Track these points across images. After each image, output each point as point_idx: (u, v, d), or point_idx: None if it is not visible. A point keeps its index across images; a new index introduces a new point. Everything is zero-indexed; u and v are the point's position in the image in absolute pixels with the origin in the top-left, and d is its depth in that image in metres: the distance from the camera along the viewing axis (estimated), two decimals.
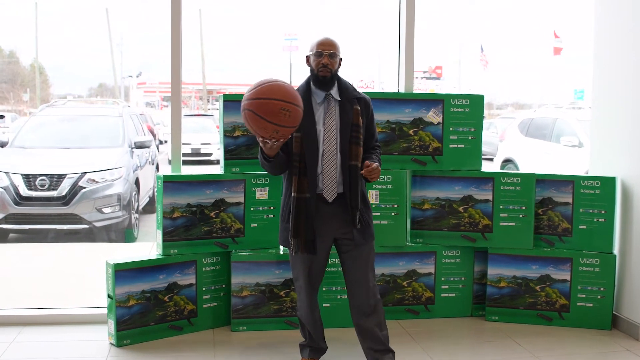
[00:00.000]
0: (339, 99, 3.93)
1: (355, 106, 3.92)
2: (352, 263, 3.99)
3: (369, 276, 4.00)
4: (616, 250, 5.07)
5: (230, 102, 4.84)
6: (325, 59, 3.87)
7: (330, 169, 3.87)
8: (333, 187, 3.88)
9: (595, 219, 5.04)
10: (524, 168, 12.10)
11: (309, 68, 3.99)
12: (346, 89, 3.97)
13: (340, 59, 3.97)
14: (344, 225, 3.93)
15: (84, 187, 8.79)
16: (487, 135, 16.40)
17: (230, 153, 4.85)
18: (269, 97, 3.54)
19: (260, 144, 3.70)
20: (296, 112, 3.58)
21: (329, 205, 3.90)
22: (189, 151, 18.33)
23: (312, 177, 3.84)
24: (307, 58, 3.99)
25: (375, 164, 3.83)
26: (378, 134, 4.43)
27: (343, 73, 4.01)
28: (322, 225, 3.91)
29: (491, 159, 14.36)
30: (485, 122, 19.66)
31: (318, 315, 4.19)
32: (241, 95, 4.91)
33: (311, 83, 3.97)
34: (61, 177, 8.77)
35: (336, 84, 3.96)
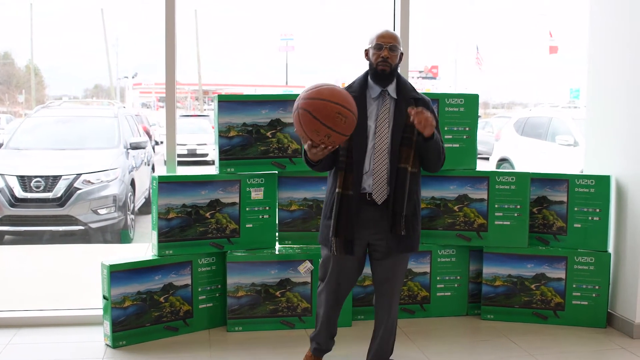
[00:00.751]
0: (395, 97, 3.77)
1: (412, 106, 3.68)
2: (381, 272, 3.88)
3: (394, 290, 3.90)
4: (611, 249, 5.09)
5: (225, 102, 4.83)
6: (385, 51, 3.71)
7: (381, 169, 3.72)
8: (383, 188, 3.73)
9: (589, 218, 5.04)
10: (520, 167, 12.11)
11: (367, 63, 3.85)
12: (405, 88, 3.80)
13: (402, 53, 3.82)
14: (381, 230, 3.77)
15: (80, 189, 8.78)
16: (482, 135, 16.42)
17: (225, 153, 4.85)
18: (328, 99, 3.37)
19: (306, 147, 3.54)
20: (352, 119, 3.43)
21: (370, 207, 3.75)
22: (185, 152, 18.31)
23: (357, 174, 3.69)
24: (366, 52, 3.82)
25: (422, 109, 3.56)
26: None
27: (344, 72, 3.96)
28: (359, 228, 3.76)
29: (487, 158, 14.38)
30: (481, 122, 19.69)
31: (335, 319, 4.09)
32: (237, 96, 4.93)
33: (369, 77, 3.82)
34: (56, 178, 8.75)
35: (395, 81, 3.80)
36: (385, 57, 3.71)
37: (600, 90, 5.25)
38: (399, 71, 3.90)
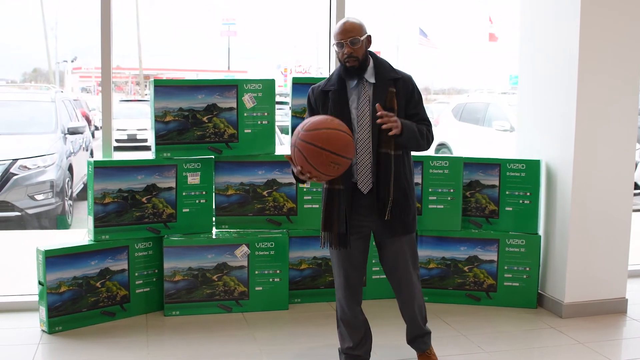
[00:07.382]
0: (374, 81, 3.62)
1: (391, 88, 3.57)
2: (384, 255, 3.79)
3: (402, 269, 3.79)
4: (541, 231, 5.22)
5: (161, 87, 4.83)
6: (347, 48, 3.53)
7: (364, 158, 3.59)
8: (367, 178, 3.60)
9: (520, 201, 5.17)
10: (458, 152, 12.28)
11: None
12: (382, 70, 3.65)
13: (368, 37, 3.64)
14: (377, 217, 3.63)
15: (16, 174, 8.62)
16: None
17: (162, 138, 4.84)
18: (324, 147, 3.21)
19: (295, 171, 3.42)
20: (345, 165, 3.30)
21: (365, 196, 3.62)
22: (125, 137, 18.07)
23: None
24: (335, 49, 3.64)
25: (383, 114, 3.43)
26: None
27: (286, 57, 3.91)
28: (358, 218, 3.65)
29: None
30: None
31: (359, 318, 3.87)
32: (173, 81, 4.89)
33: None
34: None
35: (372, 65, 3.65)
36: (350, 53, 3.54)
37: (531, 76, 5.36)
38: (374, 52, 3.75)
